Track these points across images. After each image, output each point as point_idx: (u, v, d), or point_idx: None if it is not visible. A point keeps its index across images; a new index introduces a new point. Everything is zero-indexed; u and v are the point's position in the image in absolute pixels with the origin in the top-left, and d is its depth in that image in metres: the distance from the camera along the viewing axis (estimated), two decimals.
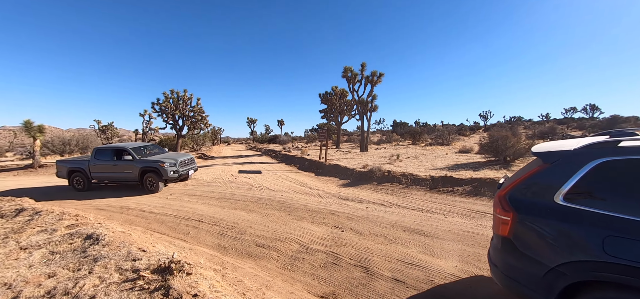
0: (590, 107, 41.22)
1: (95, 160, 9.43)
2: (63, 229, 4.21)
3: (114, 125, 34.34)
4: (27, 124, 16.72)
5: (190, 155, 9.82)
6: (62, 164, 9.87)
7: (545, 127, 23.67)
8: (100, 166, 9.38)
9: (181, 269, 2.66)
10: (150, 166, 8.86)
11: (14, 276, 2.85)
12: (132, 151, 9.24)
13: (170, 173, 8.71)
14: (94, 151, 9.57)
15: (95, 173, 9.45)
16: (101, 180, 9.66)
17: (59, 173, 9.93)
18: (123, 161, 9.18)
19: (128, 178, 9.21)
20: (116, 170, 9.25)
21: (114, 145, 9.62)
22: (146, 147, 10.24)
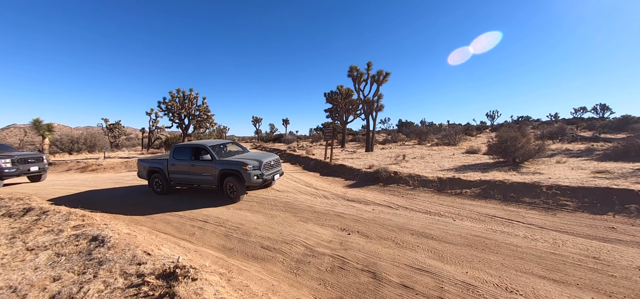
0: (600, 106, 40.41)
1: (174, 160, 8.45)
2: (69, 230, 4.21)
3: (121, 124, 34.71)
4: (36, 122, 16.97)
5: (275, 156, 8.54)
6: (143, 163, 9.11)
7: (554, 127, 23.23)
8: (178, 167, 8.37)
9: (186, 274, 2.62)
10: (231, 168, 7.47)
11: (20, 279, 2.84)
12: (211, 150, 8.05)
13: (253, 178, 7.23)
14: (172, 150, 8.65)
15: (173, 174, 8.46)
16: (178, 182, 8.58)
17: (140, 173, 9.23)
18: (201, 162, 8.01)
19: (206, 182, 7.96)
20: (193, 171, 8.12)
21: (192, 143, 8.63)
22: (226, 144, 9.20)
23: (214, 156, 7.81)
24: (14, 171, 10.60)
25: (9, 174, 10.49)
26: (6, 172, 10.38)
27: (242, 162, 7.31)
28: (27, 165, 11.23)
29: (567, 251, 4.10)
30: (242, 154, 8.64)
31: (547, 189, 6.41)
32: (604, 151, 11.51)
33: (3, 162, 10.39)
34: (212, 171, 7.68)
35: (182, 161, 8.22)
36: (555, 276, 3.49)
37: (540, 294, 3.15)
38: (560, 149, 13.71)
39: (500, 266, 3.74)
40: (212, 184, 7.75)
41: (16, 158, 10.81)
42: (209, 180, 7.79)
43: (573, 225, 5.00)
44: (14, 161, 10.70)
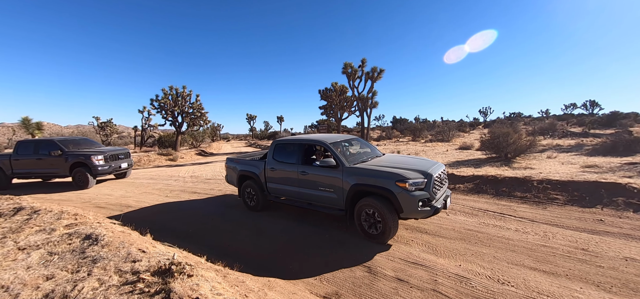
0: (590, 103, 41.20)
1: (274, 161, 5.73)
2: (62, 228, 4.15)
3: (113, 122, 34.21)
4: (25, 121, 16.64)
5: (441, 165, 5.06)
6: (233, 165, 6.71)
7: (545, 123, 23.62)
8: (280, 173, 5.61)
9: (182, 271, 2.61)
10: (373, 184, 4.38)
11: (12, 278, 2.80)
12: (333, 149, 5.00)
13: (417, 205, 4.09)
14: (273, 146, 5.87)
15: (273, 183, 5.78)
16: (279, 195, 5.83)
17: (229, 177, 6.93)
18: (318, 169, 5.01)
19: (324, 201, 5.01)
20: (305, 182, 5.22)
21: (303, 137, 5.71)
22: (350, 141, 5.96)
23: (339, 160, 4.79)
24: (106, 169, 9.78)
25: (102, 172, 9.65)
26: (100, 170, 9.54)
27: (396, 174, 4.25)
28: (118, 161, 10.43)
29: (557, 243, 4.19)
30: (379, 159, 5.46)
31: (538, 183, 6.54)
32: (593, 147, 11.77)
33: (96, 159, 9.49)
34: (337, 185, 4.76)
35: (287, 166, 5.50)
36: (545, 267, 3.58)
37: (531, 285, 3.23)
38: (551, 145, 13.96)
39: (492, 259, 3.82)
40: (334, 205, 4.89)
41: (108, 155, 9.98)
42: (329, 199, 4.92)
43: (563, 218, 5.11)
44: (107, 157, 9.87)
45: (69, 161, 9.62)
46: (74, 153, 9.75)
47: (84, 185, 9.56)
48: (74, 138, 11.04)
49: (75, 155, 9.68)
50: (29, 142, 10.30)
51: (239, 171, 6.47)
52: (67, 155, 9.69)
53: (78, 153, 9.74)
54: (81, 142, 10.92)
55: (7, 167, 10.07)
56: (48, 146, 9.91)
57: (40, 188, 10.22)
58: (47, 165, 9.85)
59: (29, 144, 10.21)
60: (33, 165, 10.00)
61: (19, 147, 10.22)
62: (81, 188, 9.59)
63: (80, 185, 9.60)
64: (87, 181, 9.53)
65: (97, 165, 9.54)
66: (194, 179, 10.86)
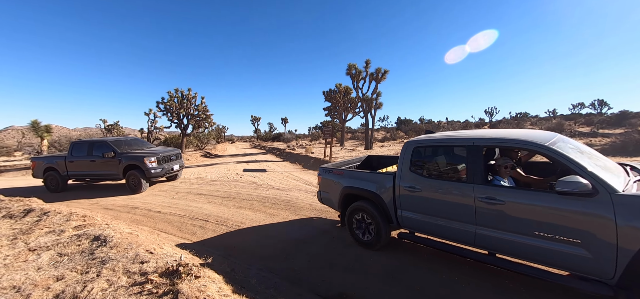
0: (598, 102, 40.54)
1: (416, 176, 3.66)
2: (71, 230, 4.22)
3: (119, 124, 34.62)
4: (34, 124, 16.92)
5: None
6: (333, 178, 4.77)
7: (552, 123, 23.34)
8: (429, 194, 3.50)
9: (189, 272, 2.64)
10: None
11: (23, 279, 2.85)
12: (572, 157, 2.69)
13: None
14: (410, 150, 3.82)
15: (412, 211, 3.72)
16: (422, 230, 3.69)
17: (324, 195, 5.02)
18: (543, 198, 2.70)
19: (555, 261, 2.67)
20: (497, 219, 2.96)
21: (479, 135, 3.33)
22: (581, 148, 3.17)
23: (599, 182, 2.45)
24: (159, 172, 9.16)
25: (155, 175, 9.05)
26: (153, 173, 8.94)
27: None
28: (170, 163, 9.80)
29: None
30: None
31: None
32: (603, 147, 11.59)
33: (149, 161, 8.86)
34: (595, 232, 2.44)
35: (445, 184, 3.44)
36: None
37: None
38: None
39: None
40: (581, 269, 2.56)
41: (161, 156, 9.36)
42: (568, 257, 2.59)
43: None
44: (160, 159, 9.25)
45: (123, 163, 9.10)
46: (127, 155, 9.18)
47: (136, 189, 8.96)
48: (126, 138, 10.54)
49: (129, 157, 9.10)
50: (83, 143, 9.92)
51: (344, 189, 4.50)
52: (120, 157, 9.17)
53: (131, 154, 9.18)
54: (132, 143, 10.39)
55: (63, 169, 9.73)
56: (101, 147, 9.49)
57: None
58: (101, 167, 9.43)
59: (82, 145, 9.84)
60: (87, 167, 9.60)
61: (73, 148, 9.86)
62: (134, 192, 9.02)
63: (133, 189, 9.03)
64: (140, 185, 8.90)
65: (150, 168, 8.92)
66: (200, 181, 10.94)
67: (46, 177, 9.98)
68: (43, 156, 10.55)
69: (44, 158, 10.22)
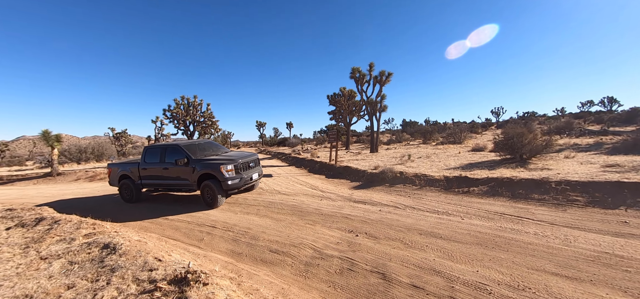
0: (608, 99, 39.79)
1: None
2: (81, 238, 4.27)
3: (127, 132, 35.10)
4: (45, 134, 17.24)
5: None
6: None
7: (561, 122, 22.94)
8: None
9: (198, 279, 2.64)
10: None
11: (35, 288, 2.89)
12: None
13: None
14: None
15: None
16: None
17: None
18: None
19: None
20: None
21: None
22: None
23: None
24: (237, 182, 7.48)
25: (233, 186, 7.39)
26: (230, 184, 7.31)
27: None
28: (249, 171, 8.22)
29: (579, 247, 4.04)
30: None
31: (556, 185, 6.33)
32: (614, 145, 11.34)
33: (226, 170, 7.30)
34: None
35: None
36: (568, 272, 3.44)
37: (553, 291, 3.11)
38: (568, 144, 13.54)
39: (511, 264, 3.71)
40: None
41: (240, 163, 7.80)
42: None
43: (584, 220, 4.93)
44: (238, 167, 7.67)
45: (197, 171, 7.68)
46: (202, 161, 7.76)
47: (212, 203, 7.55)
48: (199, 141, 9.16)
49: (204, 164, 7.64)
50: (156, 148, 8.71)
51: None
52: (194, 164, 7.77)
53: (206, 161, 7.76)
54: (207, 147, 9.03)
55: (136, 176, 8.77)
56: (174, 152, 8.24)
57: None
58: (174, 175, 8.15)
59: (156, 150, 8.66)
60: (159, 175, 8.46)
61: (147, 153, 8.76)
62: (210, 206, 7.58)
63: (208, 203, 7.62)
64: (216, 198, 7.43)
65: (227, 178, 7.29)
66: None
67: (121, 186, 9.09)
68: (118, 162, 9.63)
69: (119, 165, 9.33)
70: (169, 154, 8.33)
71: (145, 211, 7.82)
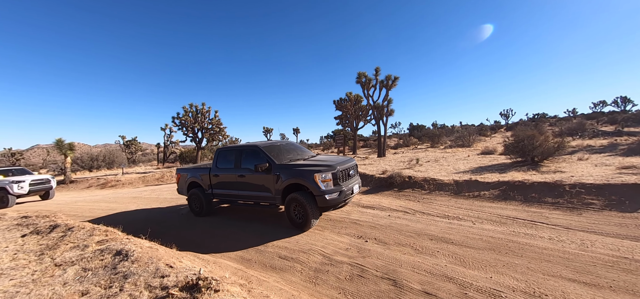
0: (621, 99, 38.88)
1: None
2: (94, 245, 4.34)
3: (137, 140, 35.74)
4: (58, 142, 17.69)
5: None
6: None
7: (573, 123, 22.46)
8: None
9: (209, 286, 2.65)
10: None
11: (50, 294, 2.94)
12: None
13: None
14: None
15: None
16: None
17: None
18: None
19: None
20: None
21: None
22: None
23: None
24: (335, 197, 5.44)
25: (331, 201, 5.40)
26: (328, 199, 5.36)
27: None
28: (349, 181, 6.06)
29: (596, 252, 3.92)
30: None
31: (571, 188, 6.19)
32: (629, 146, 11.04)
33: (323, 180, 5.42)
34: None
35: None
36: (585, 278, 3.34)
37: (571, 298, 3.02)
38: (581, 146, 13.23)
39: (526, 270, 3.62)
40: None
41: (340, 172, 5.72)
42: None
43: (601, 224, 4.79)
44: (337, 176, 5.62)
45: (282, 180, 5.84)
46: (289, 168, 5.90)
47: (302, 224, 5.66)
48: (281, 142, 7.35)
49: (292, 171, 5.80)
50: (231, 150, 7.11)
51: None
52: (278, 171, 5.94)
53: (295, 167, 5.87)
54: (289, 149, 7.14)
55: (206, 184, 7.38)
56: (252, 156, 6.53)
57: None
58: (252, 184, 6.43)
59: (230, 153, 7.08)
60: (233, 184, 6.82)
61: (219, 156, 7.25)
62: (300, 228, 5.71)
63: (297, 223, 5.75)
64: (308, 219, 5.53)
65: (324, 190, 5.36)
66: None
67: (190, 195, 7.64)
68: (188, 168, 8.38)
69: (189, 170, 8.01)
70: (246, 158, 6.68)
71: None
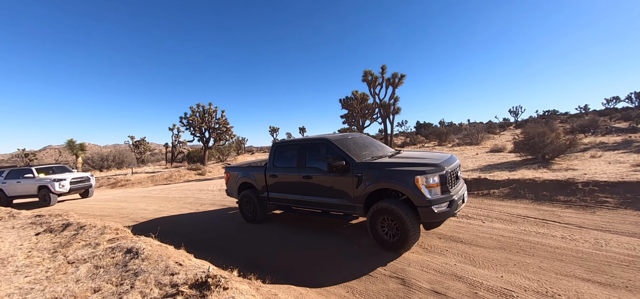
0: (635, 95, 37.90)
1: None
2: (105, 243, 4.41)
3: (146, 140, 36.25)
4: (70, 143, 18.07)
5: None
6: None
7: (585, 120, 21.97)
8: None
9: (218, 283, 2.66)
10: None
11: (64, 291, 3.00)
12: None
13: None
14: None
15: None
16: None
17: None
18: None
19: None
20: None
21: None
22: None
23: None
24: (445, 209, 4.07)
25: (440, 215, 4.05)
26: (436, 212, 4.00)
27: None
28: (458, 186, 4.59)
29: (611, 251, 3.82)
30: None
31: (583, 186, 6.05)
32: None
33: (428, 184, 4.03)
34: None
35: None
36: (600, 278, 3.26)
37: (585, 298, 2.95)
38: (593, 143, 12.94)
39: (538, 270, 3.54)
40: None
41: (449, 173, 4.25)
42: None
43: (616, 222, 4.67)
44: (446, 180, 4.15)
45: (365, 184, 4.46)
46: (377, 168, 4.48)
47: (397, 244, 4.23)
48: (353, 136, 5.76)
49: (382, 171, 4.39)
50: (291, 145, 5.83)
51: None
52: (359, 171, 4.56)
53: (386, 167, 4.41)
54: (366, 144, 5.66)
55: (260, 185, 6.13)
56: (321, 152, 5.26)
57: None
58: (322, 188, 5.08)
59: (290, 149, 5.81)
60: (296, 187, 5.51)
61: (277, 152, 5.96)
62: (392, 250, 4.34)
63: (388, 243, 4.34)
64: (407, 236, 4.10)
65: (431, 199, 4.00)
66: (223, 193, 11.18)
67: (241, 198, 6.55)
68: (238, 165, 7.36)
69: (240, 169, 6.87)
70: (311, 155, 5.40)
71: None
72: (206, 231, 6.51)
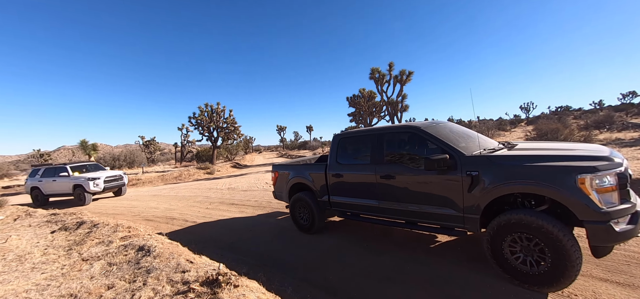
0: None
1: None
2: (118, 241, 4.50)
3: (156, 140, 36.82)
4: (83, 143, 18.50)
5: None
6: None
7: (600, 116, 21.36)
8: None
9: (229, 281, 2.68)
10: None
11: (79, 287, 3.07)
12: None
13: None
14: None
15: None
16: None
17: None
18: None
19: None
20: None
21: None
22: None
23: None
24: (630, 230, 2.62)
25: (621, 236, 2.58)
26: (619, 232, 2.57)
27: None
28: None
29: (630, 250, 3.70)
30: None
31: None
32: None
33: (597, 188, 2.63)
34: None
35: None
36: (618, 278, 3.15)
37: (603, 298, 2.86)
38: (609, 139, 12.57)
39: None
40: None
41: (626, 171, 2.87)
42: None
43: None
44: (625, 182, 2.76)
45: (487, 187, 3.12)
46: (499, 162, 3.13)
47: (543, 280, 2.87)
48: (445, 123, 4.41)
49: (515, 169, 3.00)
50: (361, 137, 4.70)
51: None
52: (474, 169, 3.24)
53: (525, 162, 3.01)
54: (461, 134, 4.17)
55: (319, 186, 5.09)
56: (407, 144, 4.11)
57: None
58: (410, 193, 3.87)
59: (360, 141, 4.71)
60: (370, 189, 4.33)
61: (340, 146, 4.89)
62: (534, 285, 2.94)
63: (525, 277, 2.98)
64: (566, 268, 2.71)
65: (606, 212, 2.58)
66: (231, 191, 11.27)
67: (293, 202, 5.45)
68: (289, 163, 6.33)
69: (291, 167, 5.84)
70: (393, 148, 4.22)
71: None
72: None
